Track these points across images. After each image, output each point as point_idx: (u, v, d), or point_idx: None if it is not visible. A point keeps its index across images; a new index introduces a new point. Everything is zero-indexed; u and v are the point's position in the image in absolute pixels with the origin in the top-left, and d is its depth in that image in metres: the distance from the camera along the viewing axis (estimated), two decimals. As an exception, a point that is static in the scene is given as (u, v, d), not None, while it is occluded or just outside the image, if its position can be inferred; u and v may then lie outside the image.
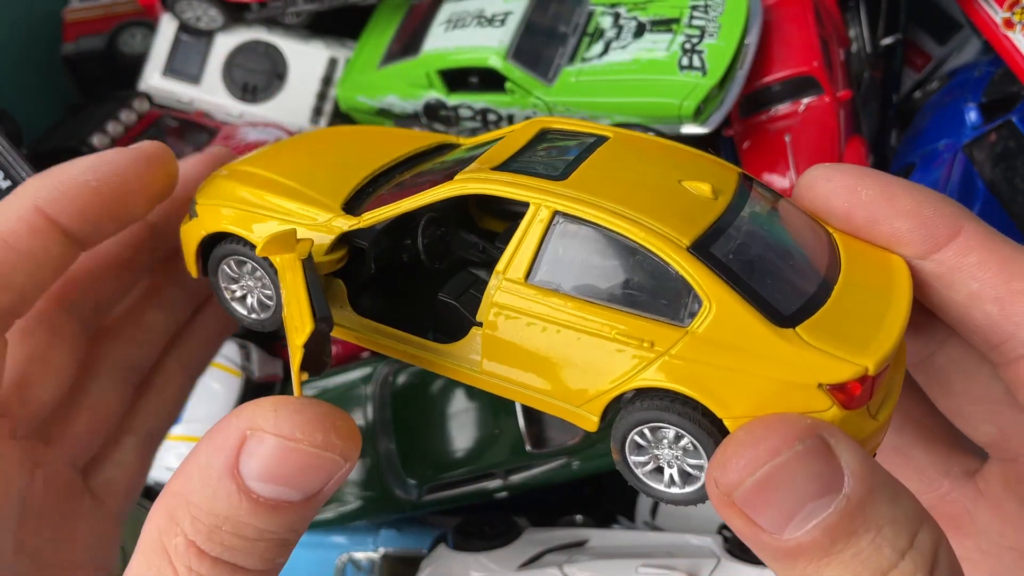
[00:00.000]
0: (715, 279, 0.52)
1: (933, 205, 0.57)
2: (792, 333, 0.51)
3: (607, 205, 0.54)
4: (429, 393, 1.12)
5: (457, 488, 1.11)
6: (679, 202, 0.56)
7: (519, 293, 0.56)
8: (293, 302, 0.55)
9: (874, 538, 0.45)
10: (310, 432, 0.49)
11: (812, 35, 1.12)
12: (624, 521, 1.21)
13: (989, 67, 1.18)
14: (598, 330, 0.54)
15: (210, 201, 0.66)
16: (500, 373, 0.58)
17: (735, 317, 0.51)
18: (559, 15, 1.16)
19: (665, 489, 0.57)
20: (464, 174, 0.59)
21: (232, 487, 0.48)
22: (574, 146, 0.62)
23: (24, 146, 1.24)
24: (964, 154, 1.09)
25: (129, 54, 1.43)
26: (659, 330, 0.53)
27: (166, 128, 1.26)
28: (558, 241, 0.55)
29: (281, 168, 0.67)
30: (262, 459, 0.49)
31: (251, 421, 0.49)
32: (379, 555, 1.16)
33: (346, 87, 1.28)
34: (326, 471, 0.50)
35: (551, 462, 1.09)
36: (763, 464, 0.46)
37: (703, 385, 0.52)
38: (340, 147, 0.74)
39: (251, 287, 0.66)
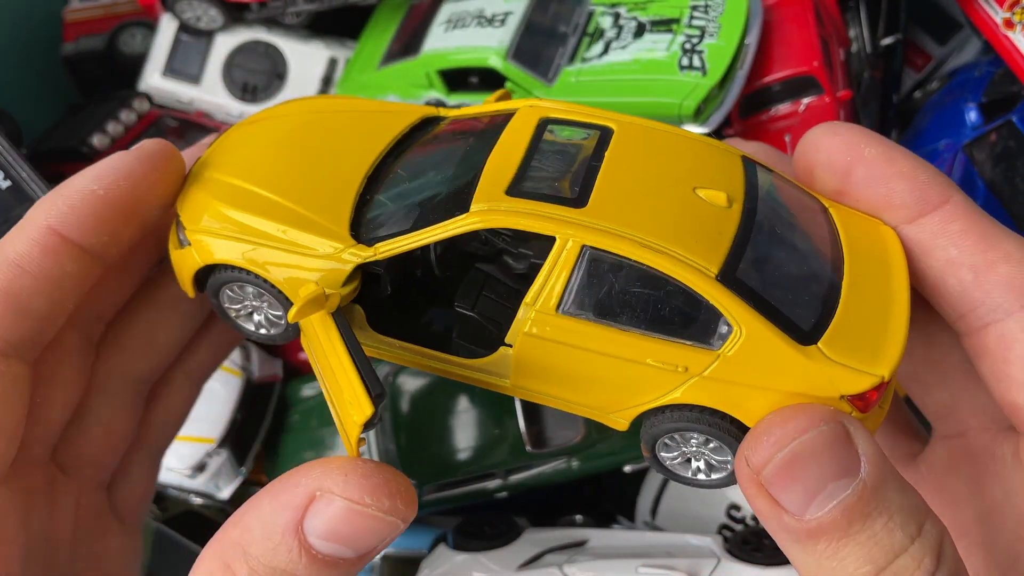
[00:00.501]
0: (743, 306, 0.54)
1: (928, 171, 0.60)
2: (815, 350, 0.54)
3: (634, 236, 0.55)
4: (429, 393, 1.12)
5: (457, 488, 1.11)
6: (699, 220, 0.56)
7: (550, 324, 0.57)
8: (339, 372, 0.54)
9: (887, 522, 0.49)
10: (379, 498, 0.51)
11: (812, 35, 1.12)
12: (624, 521, 1.21)
13: (989, 67, 1.18)
14: (632, 357, 0.56)
15: (201, 229, 0.62)
16: (530, 386, 0.60)
17: (764, 341, 0.54)
18: (559, 15, 1.16)
19: (693, 476, 0.61)
20: (482, 204, 0.57)
21: (294, 544, 0.50)
22: (581, 148, 0.61)
23: (24, 146, 1.24)
24: (964, 154, 1.09)
25: (129, 54, 1.43)
26: (691, 354, 0.55)
27: (166, 128, 1.26)
28: (587, 272, 0.56)
29: (265, 179, 0.63)
30: (328, 520, 0.50)
31: (320, 483, 0.51)
32: (379, 555, 1.16)
33: (346, 87, 1.28)
34: (386, 533, 0.52)
35: (551, 462, 1.09)
36: (791, 440, 0.50)
37: (734, 403, 0.55)
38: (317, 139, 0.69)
39: (256, 307, 0.65)
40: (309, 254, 0.60)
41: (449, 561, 1.02)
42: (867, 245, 0.60)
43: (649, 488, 1.18)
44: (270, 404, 1.21)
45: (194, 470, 1.16)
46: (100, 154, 1.20)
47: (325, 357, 0.56)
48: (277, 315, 0.64)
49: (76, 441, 0.71)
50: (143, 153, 0.63)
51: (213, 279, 0.64)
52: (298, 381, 1.21)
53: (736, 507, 1.12)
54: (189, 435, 1.15)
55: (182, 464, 1.15)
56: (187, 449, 1.14)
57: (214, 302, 0.66)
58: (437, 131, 0.69)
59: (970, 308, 0.58)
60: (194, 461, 1.15)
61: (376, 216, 0.61)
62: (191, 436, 1.15)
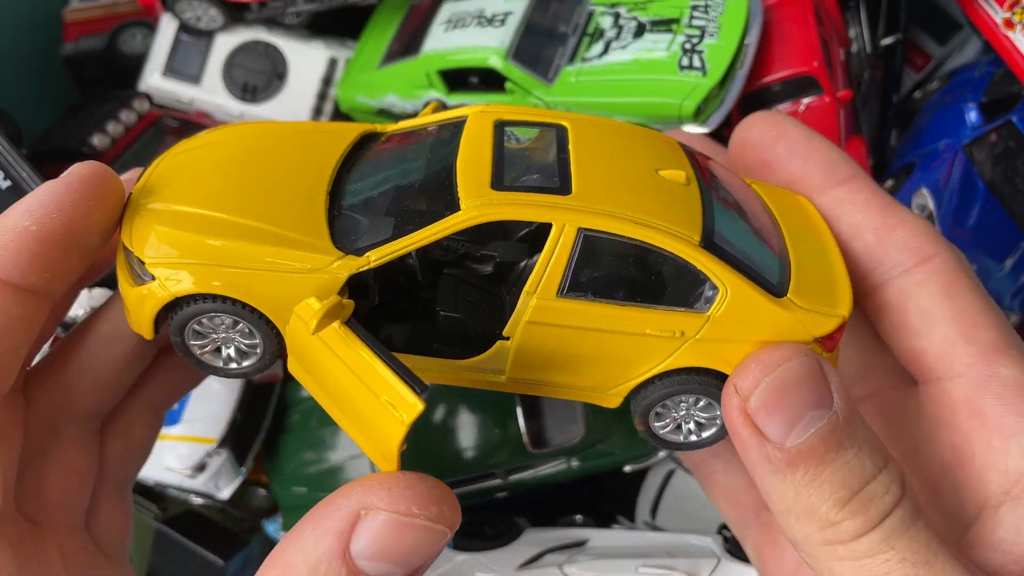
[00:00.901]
0: (726, 268, 0.59)
1: (839, 152, 0.70)
2: (787, 301, 0.60)
3: (625, 215, 0.58)
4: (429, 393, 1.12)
5: (457, 488, 1.11)
6: (670, 197, 0.61)
7: (552, 309, 0.59)
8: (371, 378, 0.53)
9: (857, 452, 0.54)
10: (425, 506, 0.51)
11: (812, 35, 1.12)
12: (624, 521, 1.21)
13: (989, 67, 1.18)
14: (632, 330, 0.59)
15: (166, 260, 0.58)
16: (526, 376, 0.62)
17: (747, 297, 0.59)
18: (559, 15, 1.16)
19: (685, 439, 0.65)
20: (474, 200, 0.57)
21: (342, 570, 0.50)
22: (544, 143, 0.63)
23: (24, 146, 1.24)
24: (964, 154, 1.09)
25: (129, 54, 1.43)
26: (685, 320, 0.59)
27: (166, 128, 1.26)
28: (584, 254, 0.59)
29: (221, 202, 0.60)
30: (375, 538, 0.50)
31: (364, 501, 0.50)
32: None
33: (346, 87, 1.28)
34: (435, 544, 0.52)
35: (551, 462, 1.09)
36: (776, 366, 0.55)
37: (722, 358, 0.60)
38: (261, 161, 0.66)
39: (226, 339, 0.62)
40: (297, 271, 0.58)
41: (449, 561, 1.02)
42: (791, 211, 0.67)
43: (649, 488, 1.18)
44: (270, 404, 1.21)
45: (194, 470, 1.16)
46: (100, 154, 1.20)
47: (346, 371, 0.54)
48: (251, 344, 0.61)
49: (37, 489, 0.67)
50: (72, 180, 0.59)
51: (180, 315, 0.60)
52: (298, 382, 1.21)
53: (736, 507, 1.13)
54: (189, 435, 1.15)
55: (182, 464, 1.15)
56: (187, 449, 1.14)
57: (177, 340, 0.61)
58: (382, 144, 0.68)
59: (872, 267, 0.65)
60: (194, 461, 1.15)
61: (352, 227, 0.60)
62: (191, 436, 1.15)
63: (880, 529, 0.53)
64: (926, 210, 1.09)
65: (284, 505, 1.15)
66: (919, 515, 0.55)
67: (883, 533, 0.53)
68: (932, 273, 0.63)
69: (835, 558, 0.54)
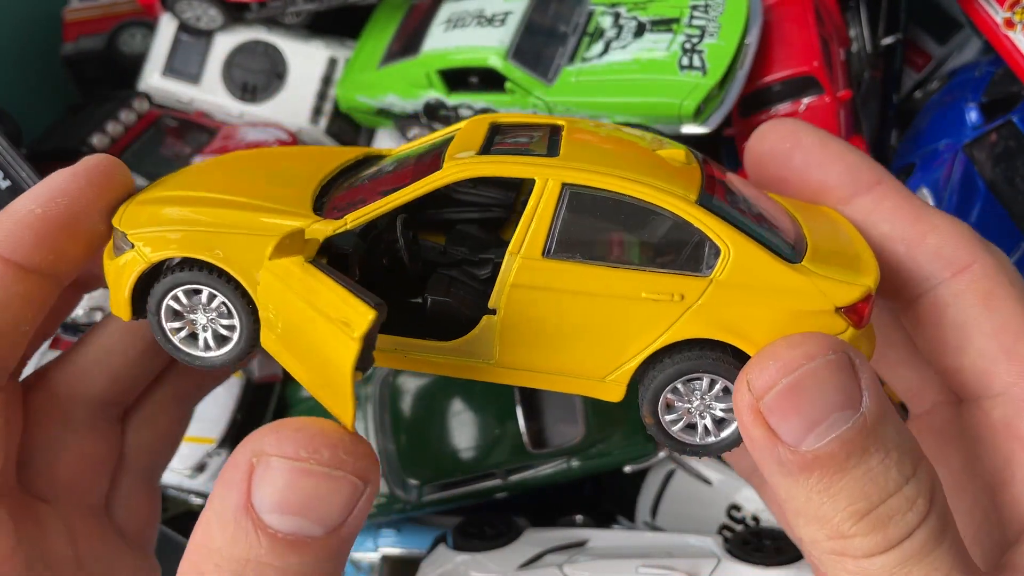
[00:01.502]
0: (728, 226, 0.55)
1: (859, 155, 0.64)
2: (802, 266, 0.55)
3: (612, 171, 0.55)
4: (429, 393, 1.12)
5: (457, 488, 1.11)
6: (665, 167, 0.58)
7: (538, 269, 0.56)
8: (327, 300, 0.51)
9: (883, 459, 0.48)
10: (314, 449, 0.47)
11: (812, 35, 1.12)
12: (624, 521, 1.21)
13: (989, 67, 1.18)
14: (626, 293, 0.55)
15: (145, 229, 0.59)
16: (516, 358, 0.58)
17: (753, 258, 0.54)
18: (559, 15, 1.16)
19: (700, 442, 0.59)
20: (455, 161, 0.57)
21: (248, 524, 0.47)
22: (538, 134, 0.62)
23: (24, 146, 1.24)
24: (965, 154, 1.09)
25: (129, 54, 1.43)
26: (685, 283, 0.55)
27: (166, 128, 1.26)
28: (570, 212, 0.56)
29: (211, 187, 0.62)
30: (272, 486, 0.47)
31: (254, 448, 0.48)
32: (379, 555, 1.16)
33: (346, 87, 1.28)
34: (342, 495, 0.48)
35: (551, 462, 1.09)
36: (797, 367, 0.49)
37: (732, 328, 0.55)
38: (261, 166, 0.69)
39: (202, 322, 0.60)
40: (272, 234, 0.57)
41: (449, 561, 1.02)
42: (811, 212, 0.63)
43: (649, 488, 1.18)
44: (270, 404, 1.21)
45: (194, 470, 1.16)
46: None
47: (302, 306, 0.52)
48: (228, 326, 0.60)
49: (47, 470, 0.69)
50: (80, 169, 0.63)
51: (158, 285, 0.59)
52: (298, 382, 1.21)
53: (736, 507, 1.12)
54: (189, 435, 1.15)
55: (182, 464, 1.15)
56: (187, 449, 1.14)
57: (153, 320, 0.61)
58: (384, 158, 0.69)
59: (904, 281, 0.61)
60: (194, 461, 1.15)
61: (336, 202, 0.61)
62: (191, 436, 1.15)
63: (898, 551, 0.48)
64: (926, 210, 1.09)
65: (284, 505, 1.15)
66: (945, 535, 0.49)
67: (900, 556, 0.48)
68: (969, 283, 0.59)
69: (843, 571, 0.50)
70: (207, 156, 1.21)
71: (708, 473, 1.15)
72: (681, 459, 1.16)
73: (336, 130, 1.33)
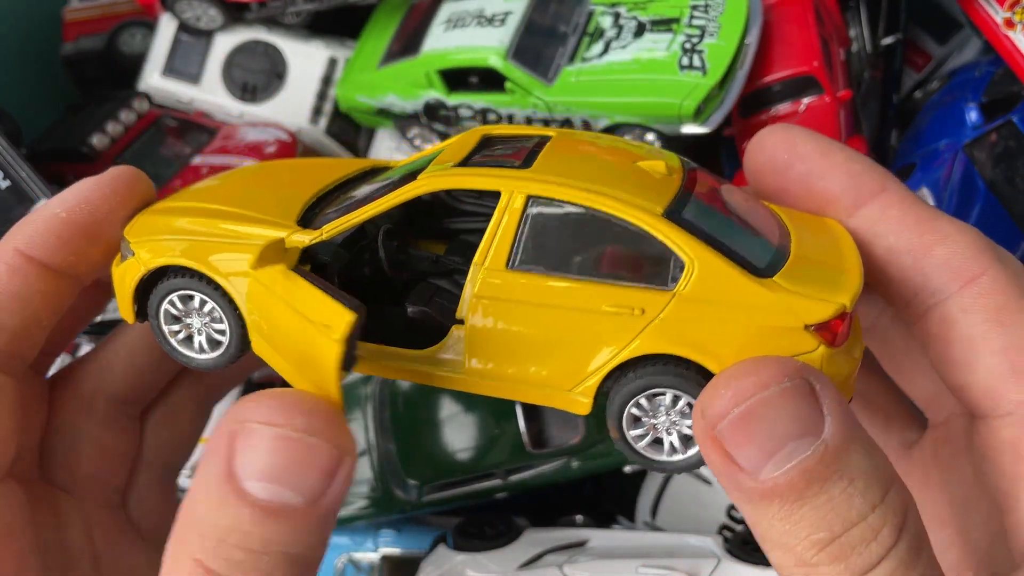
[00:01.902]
0: (693, 239, 0.54)
1: (861, 162, 0.62)
2: (771, 282, 0.54)
3: (577, 184, 0.55)
4: (429, 393, 1.12)
5: (457, 488, 1.11)
6: (640, 179, 0.57)
7: (501, 280, 0.56)
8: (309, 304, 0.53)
9: (847, 487, 0.46)
10: (289, 416, 0.48)
11: (812, 35, 1.12)
12: (624, 521, 1.21)
13: (989, 67, 1.18)
14: (587, 305, 0.55)
15: (145, 237, 0.63)
16: (485, 369, 0.58)
17: (718, 272, 0.53)
18: (559, 15, 1.16)
19: (667, 459, 0.58)
20: (428, 172, 0.59)
21: (230, 493, 0.47)
22: (523, 146, 0.62)
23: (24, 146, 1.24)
24: (965, 154, 1.09)
25: (129, 54, 1.43)
26: (647, 296, 0.54)
27: (165, 128, 1.26)
28: (535, 225, 0.56)
29: (216, 199, 0.65)
30: (253, 453, 0.48)
31: (236, 415, 0.49)
32: (379, 556, 1.16)
33: (346, 87, 1.28)
34: (319, 463, 0.48)
35: (551, 462, 1.09)
36: (750, 396, 0.47)
37: (695, 344, 0.54)
38: (270, 178, 0.73)
39: (197, 326, 0.63)
40: (253, 242, 0.59)
41: (449, 561, 1.02)
42: (811, 224, 0.62)
43: (649, 488, 1.18)
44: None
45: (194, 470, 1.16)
46: (100, 154, 1.20)
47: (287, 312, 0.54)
48: (219, 331, 0.63)
49: (68, 461, 0.72)
50: (105, 178, 0.67)
51: (156, 290, 0.63)
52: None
53: (736, 507, 1.12)
54: (189, 435, 1.15)
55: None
56: (187, 449, 1.14)
57: (154, 323, 0.64)
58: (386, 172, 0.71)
59: (913, 294, 0.59)
60: (194, 461, 1.15)
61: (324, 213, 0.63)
62: (191, 436, 1.15)
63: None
64: (926, 210, 1.09)
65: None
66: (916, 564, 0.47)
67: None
68: (978, 296, 0.56)
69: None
70: (207, 156, 1.21)
71: (708, 473, 1.15)
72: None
73: (336, 130, 1.33)
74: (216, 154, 1.21)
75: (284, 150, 1.20)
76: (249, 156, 1.19)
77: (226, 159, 1.20)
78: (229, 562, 0.48)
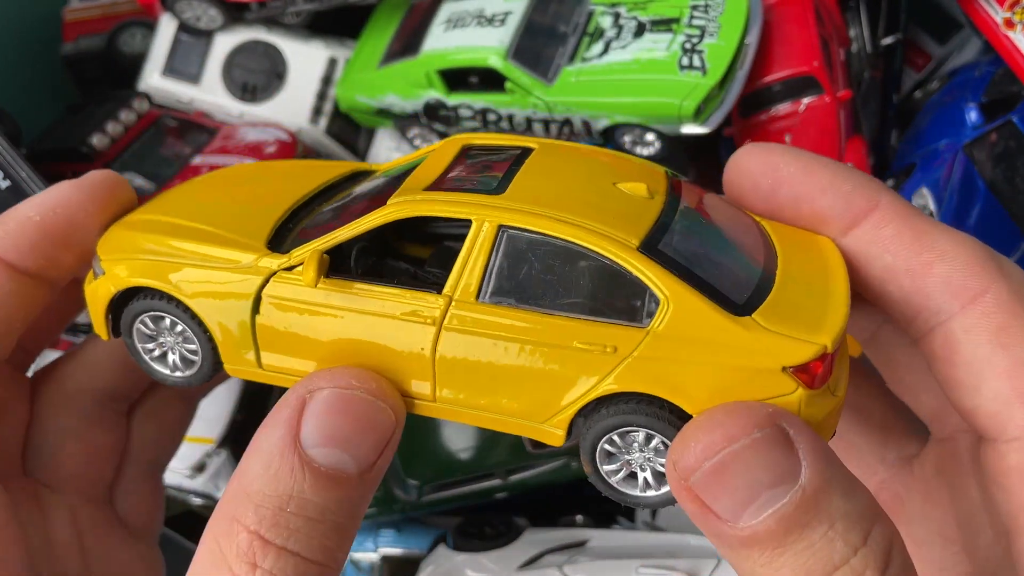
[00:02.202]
0: (668, 275, 0.52)
1: (850, 179, 0.58)
2: (749, 320, 0.51)
3: (551, 214, 0.53)
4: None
5: (457, 488, 1.11)
6: (618, 204, 0.55)
7: (471, 312, 0.55)
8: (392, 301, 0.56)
9: (827, 531, 0.46)
10: (366, 380, 0.52)
11: (812, 35, 1.12)
12: (624, 521, 1.21)
13: (989, 67, 1.18)
14: (558, 341, 0.53)
15: (115, 256, 0.62)
16: (456, 398, 0.57)
17: (693, 310, 0.51)
18: (559, 15, 1.16)
19: (640, 494, 0.56)
20: (397, 197, 0.57)
21: (295, 459, 0.49)
22: (502, 160, 0.60)
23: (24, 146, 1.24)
24: (965, 154, 1.09)
25: (129, 54, 1.43)
26: (619, 333, 0.52)
27: (165, 128, 1.26)
28: (506, 255, 0.54)
29: (185, 212, 0.64)
30: (320, 419, 0.50)
31: (308, 385, 0.52)
32: (379, 555, 1.16)
33: (346, 87, 1.28)
34: (381, 427, 0.51)
35: (551, 462, 1.09)
36: (720, 449, 0.47)
37: (669, 383, 0.52)
38: (248, 184, 0.71)
39: (170, 344, 0.63)
40: (222, 267, 0.59)
41: (449, 561, 1.02)
42: (800, 244, 0.59)
43: (649, 488, 1.18)
44: (270, 404, 1.21)
45: (194, 470, 1.16)
46: (100, 154, 1.20)
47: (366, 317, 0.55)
48: (191, 351, 0.62)
49: (53, 458, 0.72)
50: (85, 183, 0.66)
51: (127, 311, 0.62)
52: (298, 381, 1.21)
53: (736, 507, 1.12)
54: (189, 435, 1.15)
55: (182, 464, 1.15)
56: (187, 449, 1.14)
57: (128, 342, 0.64)
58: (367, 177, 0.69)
59: (914, 314, 0.57)
60: (194, 461, 1.15)
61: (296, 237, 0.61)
62: (191, 436, 1.15)
63: None
64: (927, 210, 1.09)
65: (284, 505, 1.15)
66: None
67: None
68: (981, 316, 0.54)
69: None
70: (207, 156, 1.21)
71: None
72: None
73: (336, 130, 1.33)
74: (216, 154, 1.21)
75: (284, 150, 1.20)
76: (249, 156, 1.19)
77: (226, 159, 1.20)
78: (288, 530, 0.48)
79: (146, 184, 1.18)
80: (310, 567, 0.49)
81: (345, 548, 0.52)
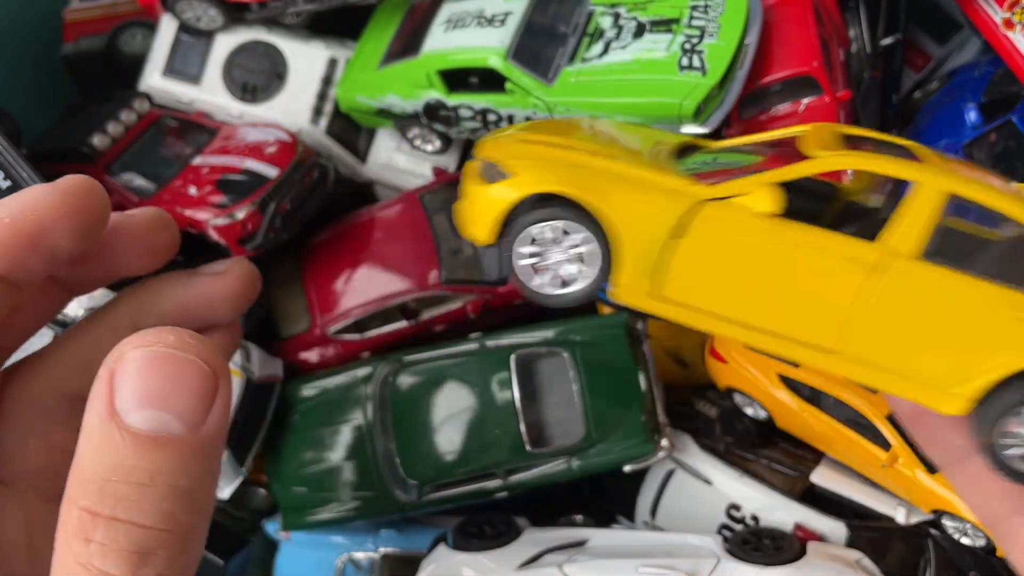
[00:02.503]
0: None
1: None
2: None
3: (1001, 192, 0.55)
4: (429, 393, 1.12)
5: (457, 488, 1.11)
6: None
7: (913, 268, 0.55)
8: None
9: None
10: (162, 334, 0.49)
11: (812, 35, 1.12)
12: (624, 521, 1.21)
13: (989, 67, 1.18)
14: (997, 309, 0.54)
15: (526, 162, 0.61)
16: (860, 353, 0.57)
17: None
18: (559, 15, 1.16)
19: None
20: (826, 151, 0.58)
21: (113, 429, 0.47)
22: (895, 149, 0.61)
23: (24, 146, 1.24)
24: (964, 154, 1.09)
25: (129, 54, 1.43)
26: None
27: (166, 128, 1.26)
28: (949, 223, 0.56)
29: (577, 139, 0.64)
30: (130, 380, 0.48)
31: (113, 354, 0.49)
32: (379, 555, 1.16)
33: (346, 87, 1.28)
34: (194, 383, 0.48)
35: (551, 462, 1.09)
36: None
37: None
38: (594, 132, 0.71)
39: (553, 261, 0.62)
40: (650, 188, 0.58)
41: (449, 561, 1.02)
42: None
43: (649, 488, 1.18)
44: (270, 404, 1.21)
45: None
46: (100, 154, 1.20)
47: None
48: (570, 273, 0.61)
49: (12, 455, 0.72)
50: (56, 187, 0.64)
51: (523, 219, 0.61)
52: (298, 381, 1.21)
53: (736, 507, 1.13)
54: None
55: (182, 464, 1.15)
56: (187, 449, 1.14)
57: (508, 253, 0.63)
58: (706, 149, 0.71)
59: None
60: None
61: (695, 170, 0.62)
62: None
63: None
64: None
65: (284, 505, 1.15)
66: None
67: None
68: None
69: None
70: (207, 156, 1.21)
71: (708, 473, 1.15)
72: (681, 459, 1.16)
73: (336, 130, 1.33)
74: (216, 154, 1.21)
75: (284, 150, 1.20)
76: (249, 156, 1.19)
77: (226, 159, 1.20)
78: (115, 499, 0.47)
79: (146, 184, 1.18)
80: (147, 533, 0.47)
81: (196, 511, 0.50)
